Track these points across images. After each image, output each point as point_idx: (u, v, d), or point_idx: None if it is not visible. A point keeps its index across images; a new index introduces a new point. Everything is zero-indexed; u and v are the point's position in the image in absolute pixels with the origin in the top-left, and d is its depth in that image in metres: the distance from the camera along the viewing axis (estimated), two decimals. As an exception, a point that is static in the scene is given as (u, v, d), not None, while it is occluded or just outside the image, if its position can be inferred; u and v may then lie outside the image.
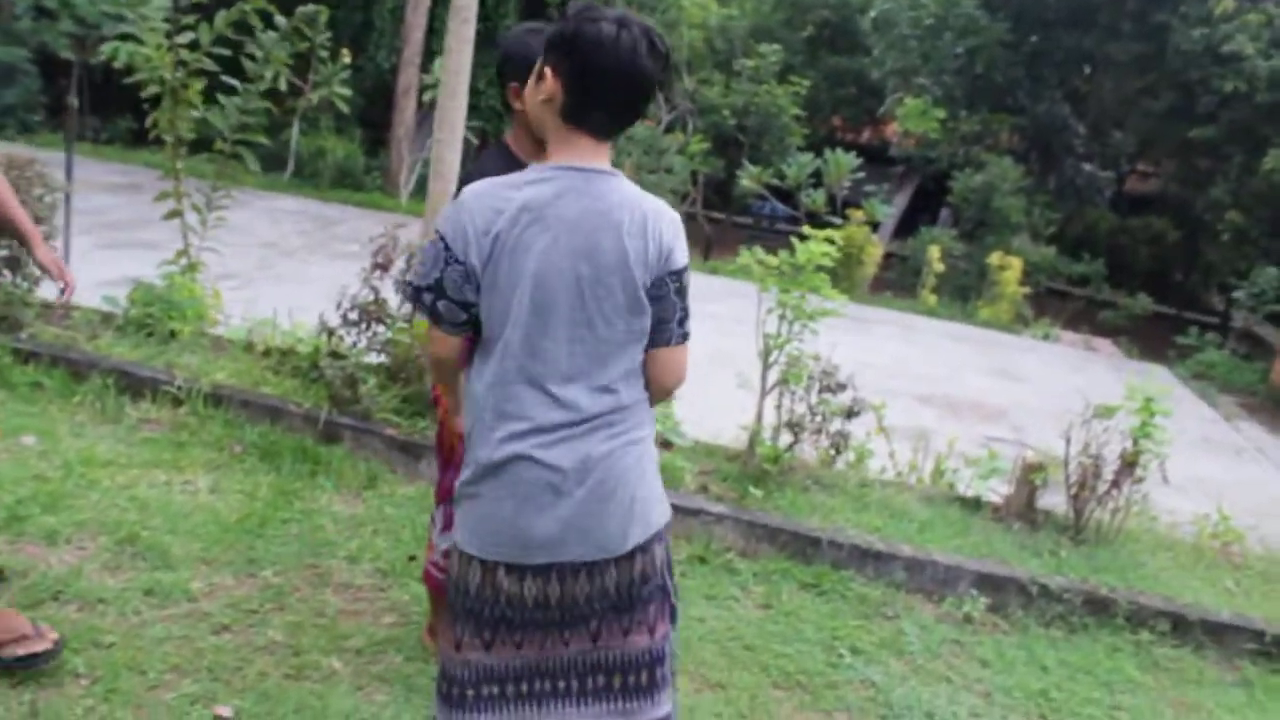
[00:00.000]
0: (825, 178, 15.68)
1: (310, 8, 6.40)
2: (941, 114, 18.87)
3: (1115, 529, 5.04)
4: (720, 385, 5.75)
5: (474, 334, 2.31)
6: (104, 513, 4.04)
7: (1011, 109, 20.37)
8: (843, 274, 15.13)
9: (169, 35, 6.11)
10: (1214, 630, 4.48)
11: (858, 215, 15.28)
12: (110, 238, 9.87)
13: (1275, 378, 14.98)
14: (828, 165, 15.54)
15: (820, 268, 4.78)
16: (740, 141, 19.52)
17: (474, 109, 17.31)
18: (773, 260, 4.80)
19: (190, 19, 6.27)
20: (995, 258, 15.79)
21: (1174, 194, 22.18)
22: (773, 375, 4.95)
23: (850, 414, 4.91)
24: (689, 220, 20.80)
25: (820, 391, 4.86)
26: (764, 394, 4.95)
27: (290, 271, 10.17)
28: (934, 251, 15.72)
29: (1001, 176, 17.04)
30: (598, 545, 2.26)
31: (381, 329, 5.06)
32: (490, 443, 2.24)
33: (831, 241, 4.77)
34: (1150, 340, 17.06)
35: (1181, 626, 4.49)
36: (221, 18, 6.07)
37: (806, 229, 4.90)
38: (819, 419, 4.91)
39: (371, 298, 4.99)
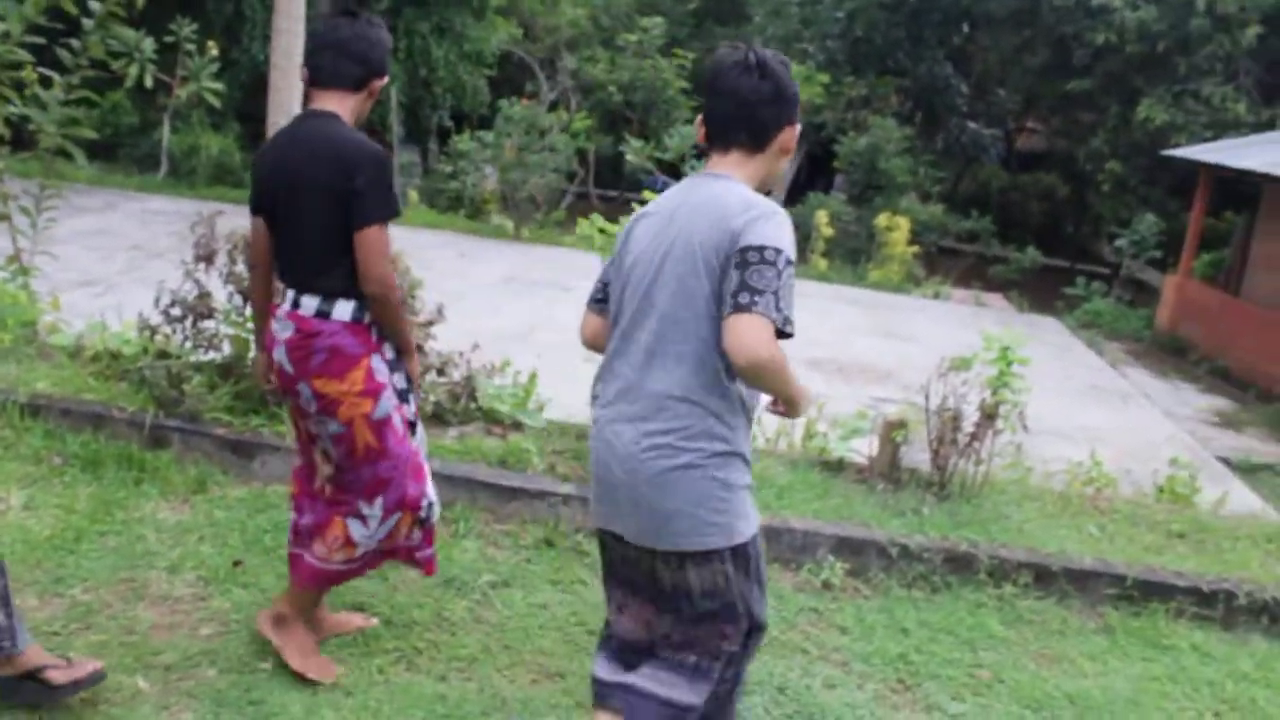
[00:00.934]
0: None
1: (125, -8, 6.05)
2: (825, 79, 18.85)
3: (979, 483, 4.96)
4: (583, 363, 5.56)
5: None
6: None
7: (895, 71, 20.44)
8: (731, 243, 15.07)
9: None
10: (1077, 578, 4.42)
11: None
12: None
13: (1159, 323, 15.25)
14: (711, 136, 15.37)
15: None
16: (628, 118, 19.34)
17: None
18: (614, 228, 4.61)
19: (2, 8, 5.89)
20: (883, 219, 15.82)
21: (1060, 148, 22.49)
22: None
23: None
24: (581, 199, 20.74)
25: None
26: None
27: (158, 274, 9.78)
28: (822, 216, 15.71)
29: (886, 138, 17.09)
30: None
31: (209, 324, 4.79)
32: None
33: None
34: (1042, 293, 17.30)
35: (1045, 577, 4.42)
36: (31, 3, 5.70)
37: (647, 195, 4.72)
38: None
39: (195, 292, 4.71)
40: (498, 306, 10.22)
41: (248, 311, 4.55)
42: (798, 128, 2.65)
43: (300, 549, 3.28)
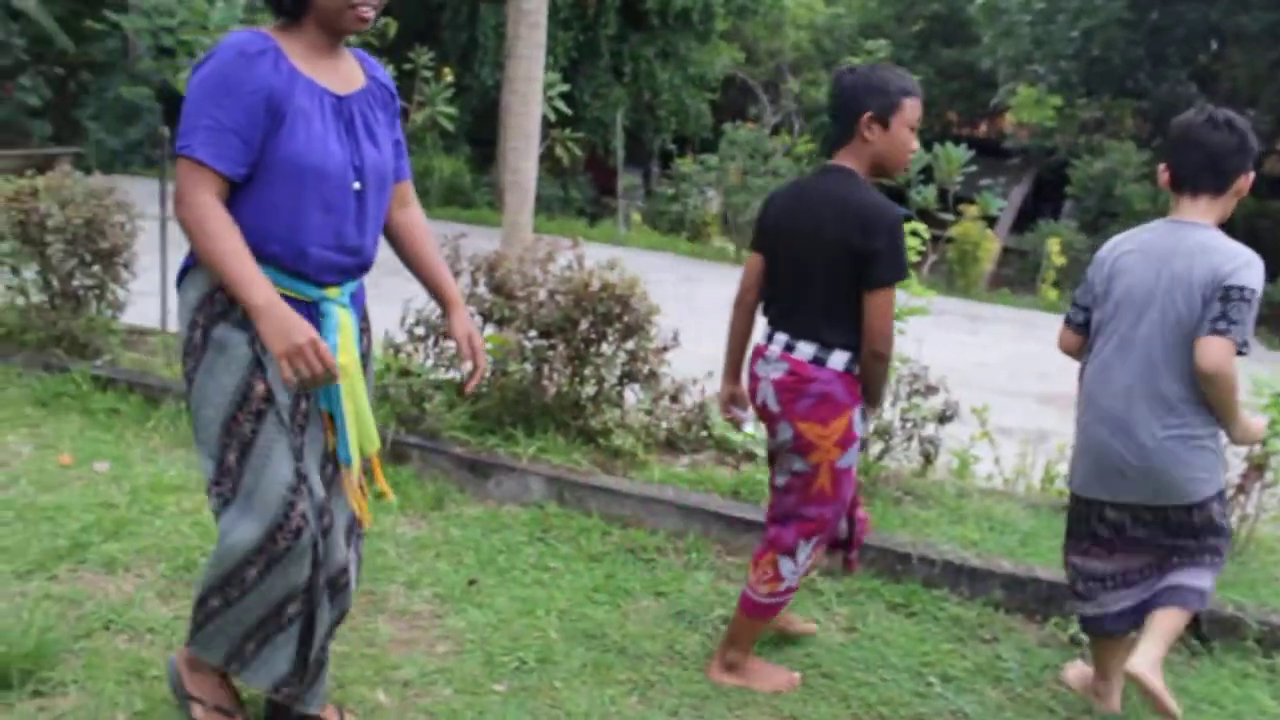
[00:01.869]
0: (936, 173, 15.16)
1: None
2: (1058, 101, 18.14)
3: (1245, 539, 4.59)
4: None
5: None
6: (165, 539, 3.96)
7: (1133, 92, 19.48)
8: (958, 271, 14.62)
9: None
10: (1363, 653, 4.02)
11: (971, 210, 14.74)
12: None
13: None
14: (938, 160, 15.02)
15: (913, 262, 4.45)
16: (850, 141, 19.09)
17: (579, 120, 17.40)
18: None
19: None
20: (1119, 249, 15.04)
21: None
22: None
23: (943, 419, 4.58)
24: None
25: (909, 396, 4.53)
26: (849, 400, 4.64)
27: (398, 291, 10.16)
28: (1053, 245, 15.08)
29: (1123, 163, 16.28)
30: None
31: (451, 344, 4.92)
32: None
33: (916, 235, 4.44)
34: (1295, 329, 16.11)
35: (1321, 648, 4.04)
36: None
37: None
38: (909, 425, 4.58)
39: (439, 311, 4.84)
40: (721, 331, 10.16)
41: (487, 332, 4.66)
42: (1251, 175, 3.24)
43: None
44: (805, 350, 3.19)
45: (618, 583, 4.02)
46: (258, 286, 2.34)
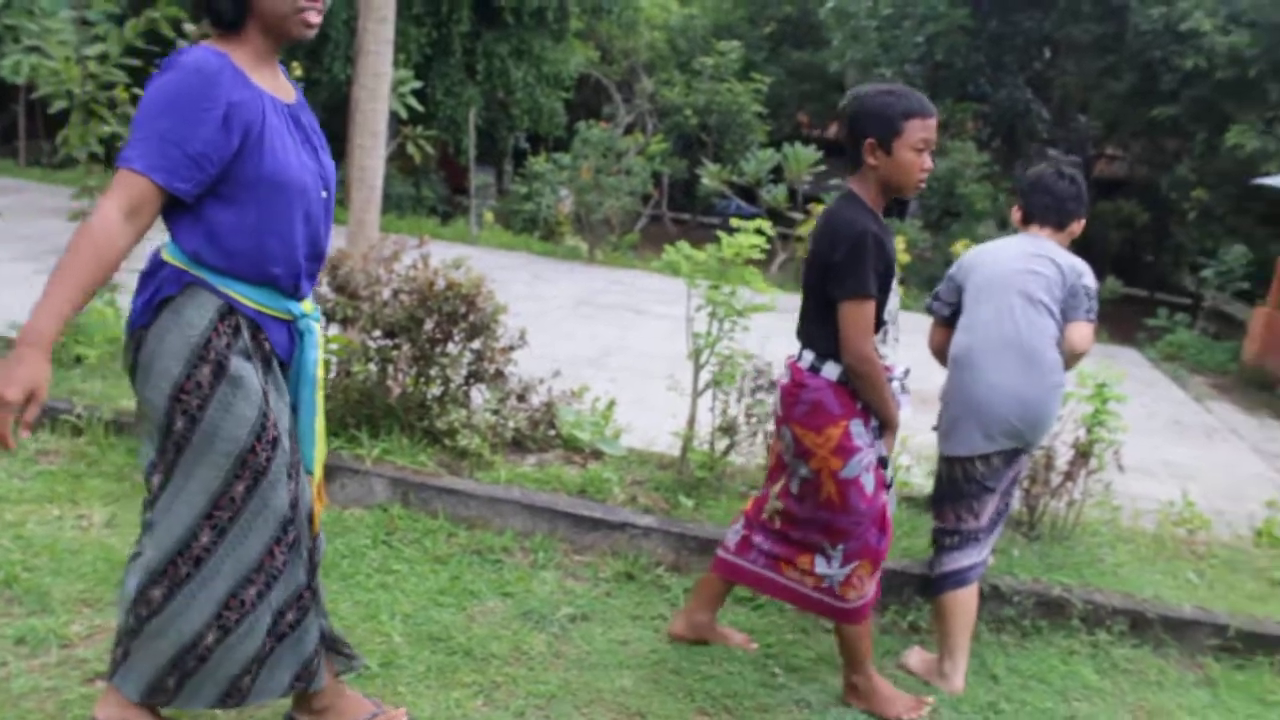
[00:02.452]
0: (786, 173, 15.43)
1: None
2: (903, 104, 18.64)
3: (1072, 523, 4.80)
4: (660, 389, 5.50)
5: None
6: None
7: (974, 96, 20.18)
8: (806, 269, 14.90)
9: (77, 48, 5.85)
10: (1175, 627, 4.24)
11: (820, 209, 15.03)
12: (51, 263, 9.60)
13: (1246, 356, 14.82)
14: (788, 160, 15.29)
15: (751, 260, 4.53)
16: (703, 141, 19.30)
17: (431, 118, 17.18)
18: (700, 255, 4.54)
19: (102, 28, 6.01)
20: (960, 246, 15.54)
21: (1141, 175, 22.02)
22: (705, 376, 4.69)
23: (786, 414, 4.64)
24: (654, 221, 20.72)
25: (753, 391, 4.60)
26: (695, 396, 4.69)
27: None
28: (898, 243, 15.48)
29: (965, 163, 16.83)
30: None
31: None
32: None
33: (761, 233, 4.52)
34: (1121, 323, 16.91)
35: (1141, 625, 4.25)
36: (130, 26, 5.79)
37: (735, 222, 4.66)
38: (754, 420, 4.65)
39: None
40: (572, 330, 10.19)
41: (331, 332, 4.56)
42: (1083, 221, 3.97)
43: (772, 573, 3.56)
44: (805, 358, 3.36)
45: (464, 584, 3.98)
46: (57, 322, 2.26)
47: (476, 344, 4.71)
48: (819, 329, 3.29)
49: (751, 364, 4.62)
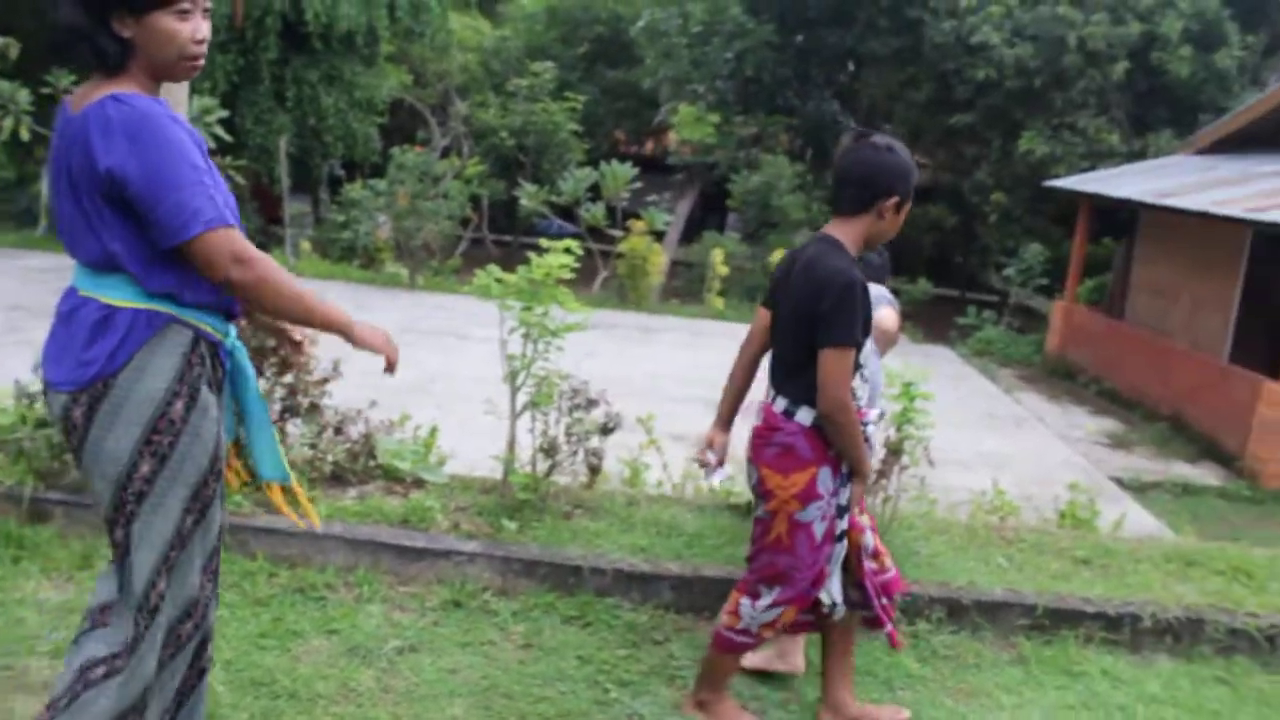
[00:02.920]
0: (603, 190, 15.57)
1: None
2: (716, 119, 19.05)
3: (889, 518, 4.95)
4: (479, 411, 5.46)
5: None
6: None
7: (784, 109, 20.75)
8: (630, 285, 15.06)
9: None
10: (988, 610, 4.43)
11: (639, 226, 15.22)
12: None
13: (1048, 348, 15.62)
14: (604, 178, 15.43)
15: (562, 280, 4.54)
16: (521, 162, 19.31)
17: (242, 147, 16.67)
18: (510, 277, 4.53)
19: None
20: (777, 255, 15.97)
21: (946, 181, 22.99)
22: (523, 398, 4.68)
23: (605, 430, 4.68)
24: (476, 245, 20.60)
25: (571, 410, 4.61)
26: (514, 419, 4.67)
27: (42, 335, 9.41)
28: (717, 255, 15.81)
29: (778, 175, 17.28)
30: None
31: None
32: None
33: (570, 252, 4.54)
34: (935, 323, 17.62)
35: (957, 611, 4.42)
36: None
37: (543, 242, 4.67)
38: (574, 439, 4.66)
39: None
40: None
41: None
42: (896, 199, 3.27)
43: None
44: (779, 403, 3.35)
45: (287, 625, 3.86)
46: (337, 309, 2.55)
47: (289, 378, 4.59)
48: (797, 375, 3.29)
49: (568, 383, 4.63)
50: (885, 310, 3.92)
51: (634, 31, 21.76)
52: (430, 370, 9.60)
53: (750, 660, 3.90)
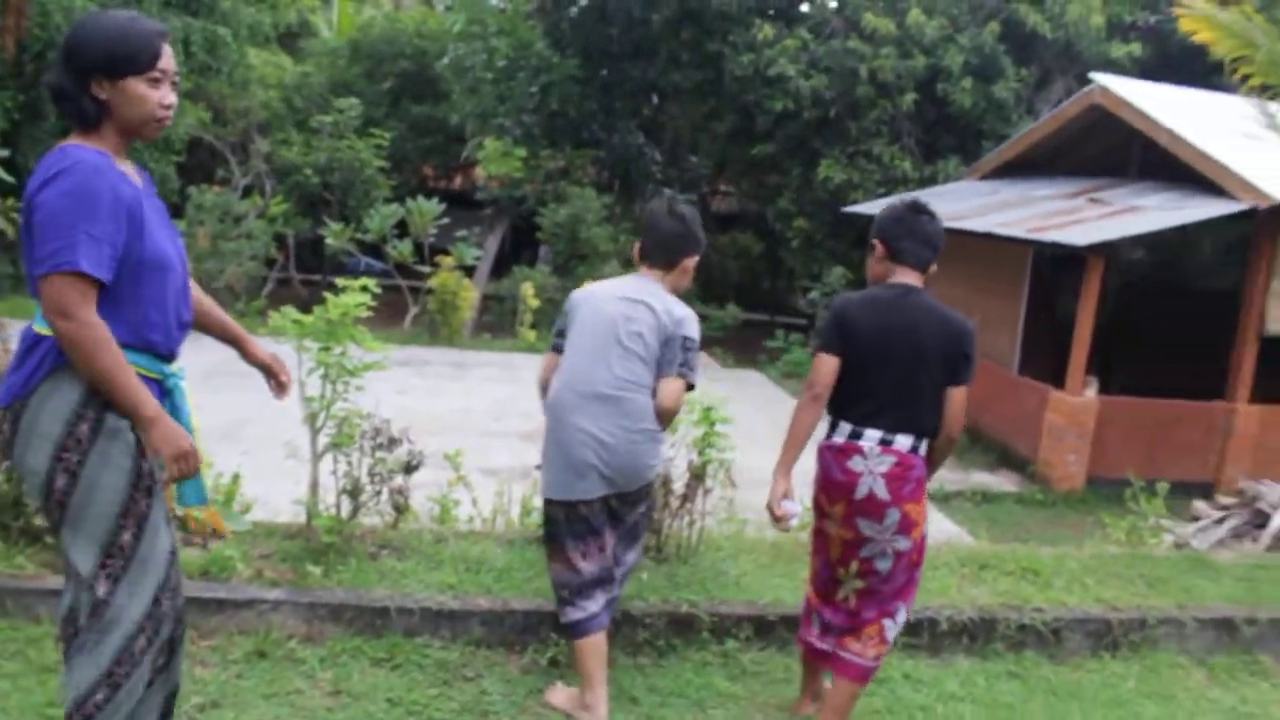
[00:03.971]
0: (411, 227, 15.41)
1: None
2: (523, 153, 19.09)
3: (695, 542, 5.05)
4: (285, 457, 5.33)
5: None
6: None
7: (590, 142, 20.95)
8: (441, 321, 14.93)
9: None
10: (794, 625, 4.53)
11: (448, 261, 15.10)
12: None
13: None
14: (411, 215, 15.27)
15: (359, 319, 4.49)
16: (327, 199, 18.93)
17: (24, 189, 15.77)
18: (306, 317, 4.46)
19: None
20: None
21: (752, 209, 23.64)
22: (325, 439, 4.60)
23: (409, 469, 4.64)
24: (283, 284, 20.07)
25: (373, 450, 4.55)
26: (315, 461, 4.59)
27: None
28: (528, 288, 15.82)
29: (585, 208, 17.42)
30: None
31: None
32: None
33: (366, 290, 4.50)
34: (745, 347, 18.04)
35: (765, 628, 4.54)
36: None
37: (341, 281, 4.62)
38: (377, 479, 4.60)
39: None
40: (201, 403, 9.60)
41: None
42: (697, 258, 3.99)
43: (835, 648, 3.85)
44: (903, 442, 3.69)
45: (75, 691, 3.68)
46: (145, 398, 2.65)
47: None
48: (928, 413, 3.72)
49: (369, 422, 4.57)
50: (673, 385, 3.92)
51: (440, 67, 21.64)
52: (239, 415, 9.30)
53: (555, 698, 3.92)
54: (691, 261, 4.00)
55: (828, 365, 3.75)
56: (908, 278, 3.81)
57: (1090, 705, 4.52)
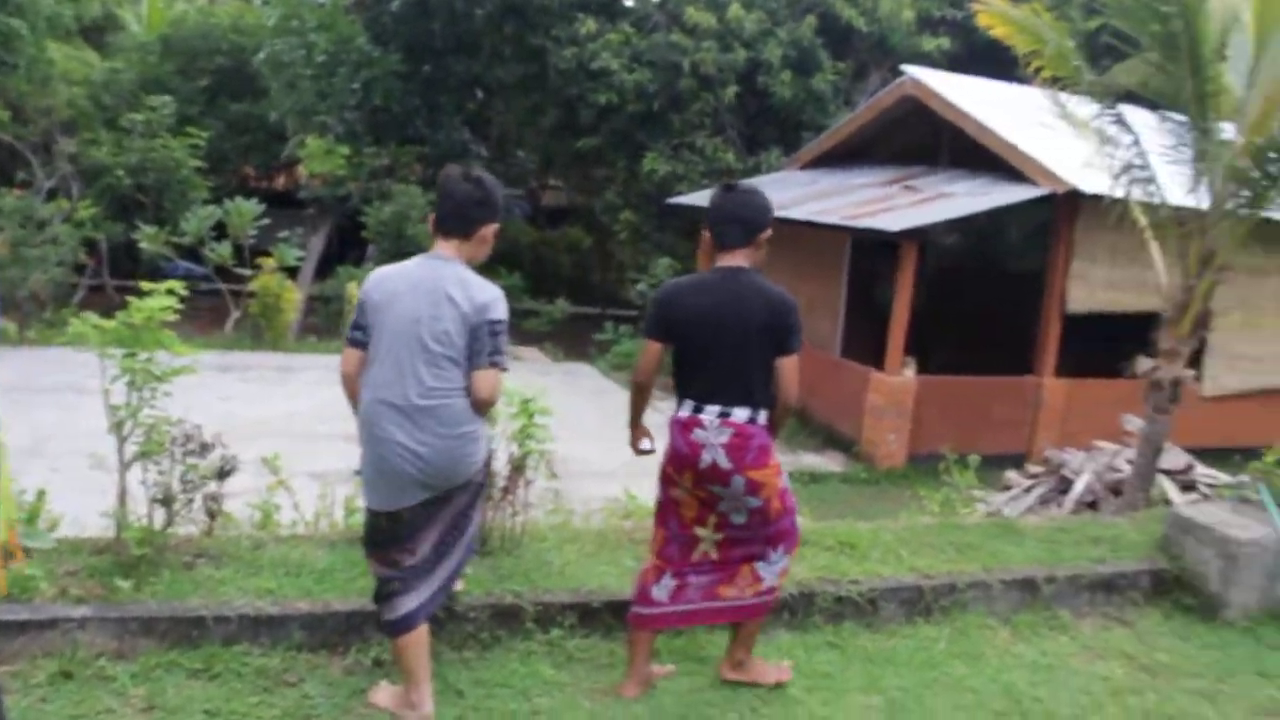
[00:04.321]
0: (230, 228, 14.96)
1: None
2: (346, 151, 18.74)
3: (520, 533, 5.08)
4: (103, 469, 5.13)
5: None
6: None
7: (415, 139, 20.69)
8: (265, 324, 14.57)
9: None
10: (619, 610, 4.61)
11: (270, 263, 14.72)
12: None
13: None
14: (230, 216, 14.84)
15: (166, 323, 4.36)
16: (141, 202, 18.22)
17: None
18: (108, 323, 4.31)
19: None
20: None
21: (581, 203, 23.77)
22: (133, 448, 4.46)
23: (221, 474, 4.54)
24: (96, 291, 19.22)
25: (184, 457, 4.44)
26: (123, 471, 4.45)
27: None
28: (353, 289, 15.55)
29: (411, 205, 17.21)
30: None
31: None
32: None
33: (173, 293, 4.38)
34: (577, 341, 18.13)
35: (589, 615, 4.61)
36: None
37: (146, 285, 4.48)
38: (189, 486, 4.49)
39: None
40: (2, 420, 9.22)
41: None
42: (496, 226, 3.84)
43: (708, 601, 4.21)
44: (739, 414, 3.98)
45: None
46: None
47: None
48: (760, 385, 4.00)
49: (179, 429, 4.45)
50: (487, 377, 3.75)
51: (257, 62, 21.01)
52: (45, 430, 8.93)
53: (379, 698, 3.90)
54: (490, 229, 3.85)
55: (650, 351, 4.12)
56: (733, 259, 4.05)
57: (905, 669, 4.74)
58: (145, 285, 4.49)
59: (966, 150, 13.34)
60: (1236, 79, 7.78)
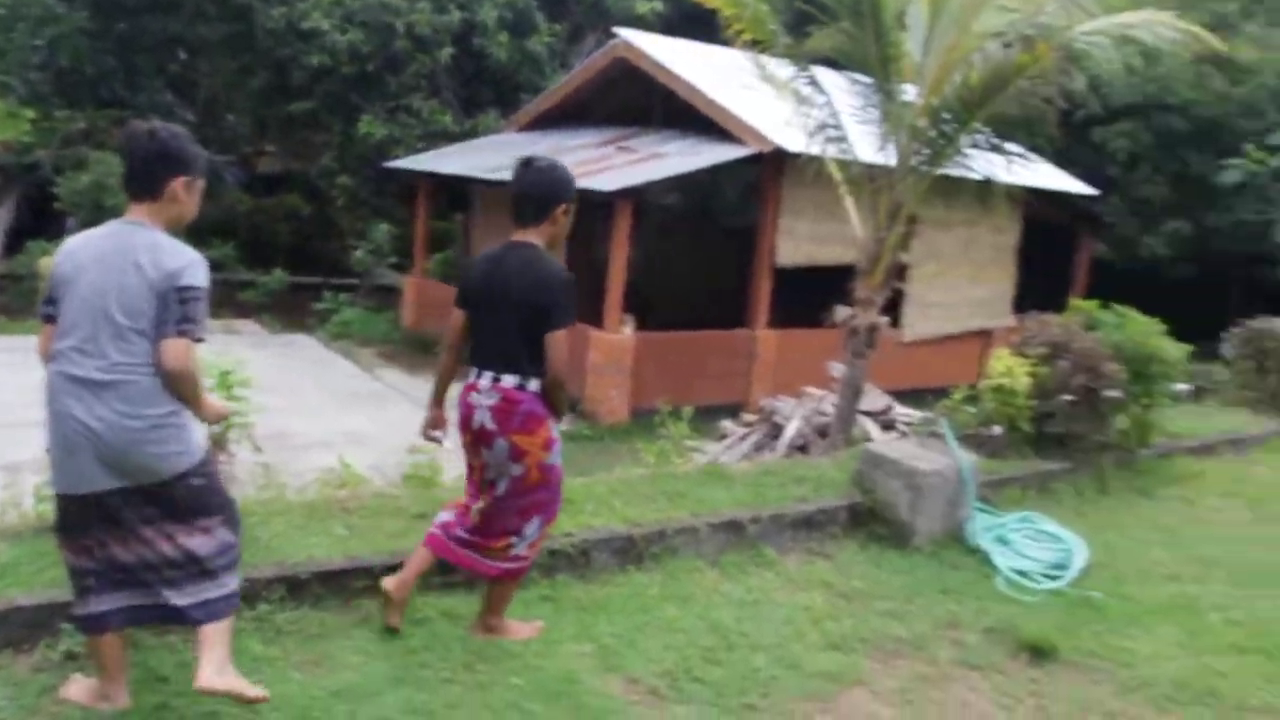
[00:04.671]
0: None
1: None
2: (32, 114, 17.39)
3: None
4: None
5: None
6: None
7: (113, 102, 19.42)
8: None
9: None
10: (329, 580, 4.58)
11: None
12: None
13: (405, 322, 16.28)
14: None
15: None
16: None
17: None
18: None
19: None
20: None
21: (297, 169, 22.94)
22: None
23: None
24: None
25: None
26: None
27: None
28: (46, 264, 14.49)
29: (109, 173, 16.16)
30: None
31: None
32: None
33: None
34: (297, 311, 17.61)
35: (298, 587, 4.52)
36: None
37: None
38: None
39: None
40: None
41: None
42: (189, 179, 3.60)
43: (472, 554, 4.44)
44: (508, 380, 4.21)
45: None
46: None
47: None
48: (526, 354, 4.18)
49: None
50: (174, 346, 3.45)
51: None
52: None
53: (71, 692, 3.73)
54: (180, 183, 3.55)
55: (454, 317, 4.43)
56: (525, 234, 4.29)
57: (618, 615, 4.92)
58: None
59: (679, 111, 13.74)
60: (915, 46, 8.36)
